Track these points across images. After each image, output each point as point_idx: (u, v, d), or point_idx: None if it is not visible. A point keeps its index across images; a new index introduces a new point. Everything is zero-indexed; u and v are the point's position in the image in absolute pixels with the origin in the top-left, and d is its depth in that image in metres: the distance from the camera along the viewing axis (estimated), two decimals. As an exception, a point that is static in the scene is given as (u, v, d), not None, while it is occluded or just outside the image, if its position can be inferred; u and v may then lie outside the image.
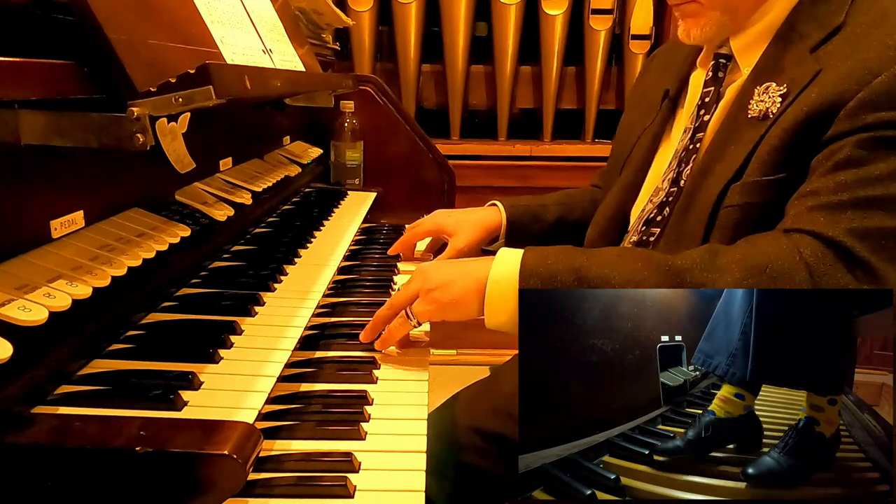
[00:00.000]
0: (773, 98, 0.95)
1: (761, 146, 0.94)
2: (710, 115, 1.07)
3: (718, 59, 1.09)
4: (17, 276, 0.69)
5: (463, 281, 0.96)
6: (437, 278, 0.98)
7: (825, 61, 0.93)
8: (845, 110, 0.87)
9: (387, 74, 2.86)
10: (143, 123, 0.70)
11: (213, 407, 0.72)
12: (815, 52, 0.95)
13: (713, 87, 1.08)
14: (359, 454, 0.74)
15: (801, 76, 0.94)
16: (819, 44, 0.95)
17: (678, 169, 1.09)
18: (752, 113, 0.97)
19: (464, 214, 1.40)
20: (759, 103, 0.97)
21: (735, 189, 0.95)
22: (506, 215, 1.37)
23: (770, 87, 0.97)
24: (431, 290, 0.97)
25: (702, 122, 1.08)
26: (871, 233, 0.83)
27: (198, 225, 1.05)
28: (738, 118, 1.00)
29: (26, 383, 0.68)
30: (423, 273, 1.01)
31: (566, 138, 2.98)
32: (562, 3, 2.75)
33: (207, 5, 1.01)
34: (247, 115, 1.50)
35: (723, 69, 1.09)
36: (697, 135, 1.08)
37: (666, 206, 1.10)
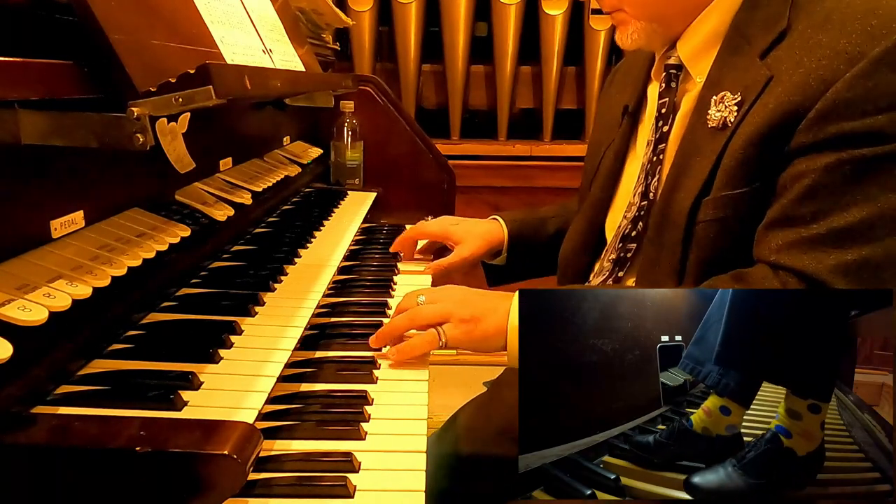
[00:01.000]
0: (730, 107, 0.96)
1: (725, 159, 0.95)
2: (668, 125, 1.08)
3: (669, 69, 1.09)
4: (17, 276, 0.69)
5: (493, 318, 0.98)
6: (470, 311, 0.98)
7: (776, 67, 0.93)
8: (806, 122, 0.88)
9: (387, 74, 2.87)
10: (143, 123, 0.70)
11: (213, 407, 0.72)
12: (764, 59, 0.95)
13: (667, 97, 1.09)
14: (359, 454, 0.74)
15: (754, 83, 0.94)
16: (767, 49, 0.95)
17: (646, 182, 1.11)
18: (710, 122, 0.98)
19: (470, 225, 1.42)
20: (716, 112, 0.98)
21: (707, 203, 0.97)
22: (507, 230, 1.40)
23: (725, 95, 0.97)
24: (465, 320, 0.98)
25: (662, 134, 1.09)
26: (851, 268, 0.86)
27: (198, 225, 1.04)
28: (697, 128, 1.01)
29: (26, 383, 0.68)
30: (453, 300, 1.00)
31: (566, 138, 2.98)
32: (562, 3, 2.75)
33: (207, 5, 1.01)
34: (247, 115, 1.50)
35: (674, 79, 1.09)
36: (659, 146, 1.09)
37: (639, 221, 1.11)
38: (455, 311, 0.98)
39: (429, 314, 0.99)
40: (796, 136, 0.89)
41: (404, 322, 1.00)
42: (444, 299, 1.01)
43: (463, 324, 0.98)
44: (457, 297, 1.01)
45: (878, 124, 0.86)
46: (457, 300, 1.01)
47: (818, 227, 0.88)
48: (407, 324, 1.00)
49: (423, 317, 0.99)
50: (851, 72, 0.86)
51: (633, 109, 1.19)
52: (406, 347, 0.97)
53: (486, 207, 2.81)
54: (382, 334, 1.00)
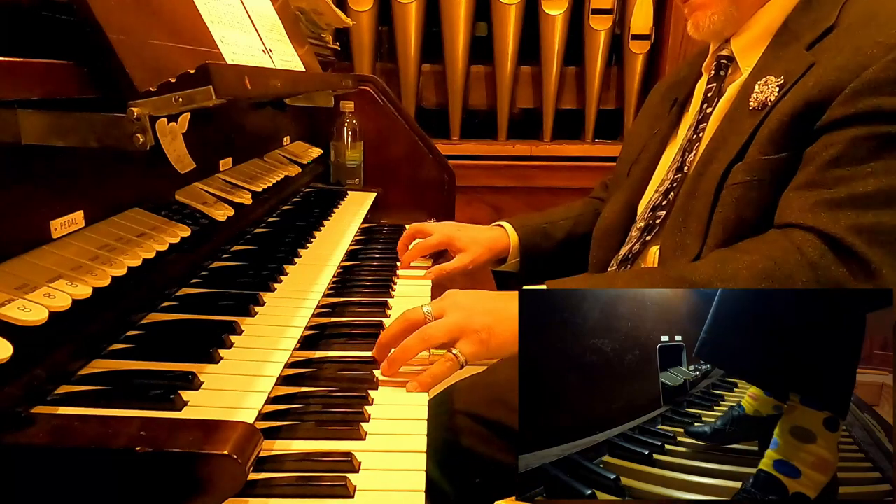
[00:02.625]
0: (772, 88, 1.01)
1: (761, 130, 1.00)
2: (712, 107, 1.14)
3: (720, 59, 1.16)
4: (17, 276, 0.69)
5: (507, 324, 0.95)
6: (481, 321, 0.95)
7: (819, 55, 0.99)
8: (839, 98, 0.93)
9: (387, 74, 2.86)
10: (143, 123, 0.70)
11: (213, 407, 0.72)
12: (810, 50, 1.01)
13: (715, 83, 1.15)
14: (359, 454, 0.74)
15: (797, 68, 1.00)
16: (813, 42, 1.01)
17: (682, 158, 1.15)
18: (752, 104, 1.03)
19: (474, 232, 1.42)
20: (758, 94, 1.03)
21: (737, 168, 1.01)
22: (518, 237, 1.41)
23: (769, 79, 1.02)
24: (478, 331, 0.94)
25: (704, 115, 1.14)
26: (867, 229, 0.89)
27: (198, 225, 1.04)
28: (738, 110, 1.06)
29: (26, 383, 0.68)
30: (462, 311, 0.97)
31: (566, 138, 2.97)
32: (562, 3, 2.75)
33: (207, 5, 1.01)
34: (247, 115, 1.50)
35: (724, 69, 1.15)
36: (700, 125, 1.14)
37: (671, 192, 1.15)
38: (466, 323, 0.95)
39: (440, 333, 0.94)
40: (830, 110, 0.93)
41: (416, 344, 0.94)
42: (451, 311, 0.97)
43: (477, 335, 0.94)
44: (465, 307, 0.97)
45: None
46: (466, 310, 0.96)
47: (838, 192, 0.91)
48: (419, 345, 0.94)
49: (433, 336, 0.94)
50: (887, 57, 0.91)
51: (682, 101, 1.26)
52: (427, 379, 0.92)
53: (487, 207, 2.81)
54: (394, 359, 0.94)
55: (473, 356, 0.95)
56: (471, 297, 1.00)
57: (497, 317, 0.96)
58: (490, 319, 0.95)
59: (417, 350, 0.94)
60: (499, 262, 1.43)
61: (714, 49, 1.19)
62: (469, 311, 0.96)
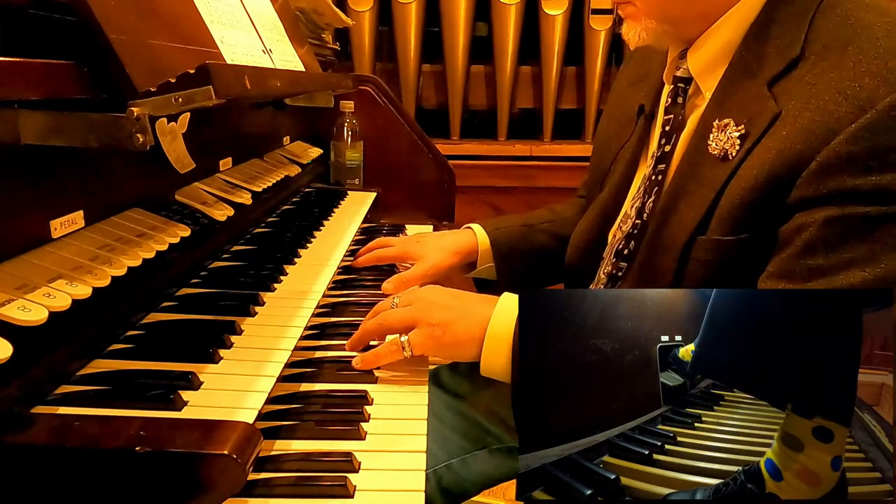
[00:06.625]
0: (732, 138, 0.91)
1: (724, 199, 0.91)
2: (671, 145, 1.04)
3: (677, 83, 1.05)
4: (17, 276, 0.69)
5: (465, 323, 0.94)
6: (439, 315, 0.94)
7: (783, 102, 0.88)
8: (807, 173, 0.83)
9: (387, 74, 2.86)
10: (143, 123, 0.70)
11: (213, 407, 0.72)
12: (772, 88, 0.90)
13: (673, 113, 1.05)
14: (359, 454, 0.75)
15: (760, 117, 0.89)
16: (776, 77, 0.90)
17: (643, 199, 1.07)
18: (712, 149, 0.94)
19: (433, 239, 1.37)
20: (717, 140, 0.93)
21: (700, 243, 0.93)
22: (490, 239, 1.33)
23: (729, 124, 0.92)
24: (433, 325, 0.94)
25: (664, 153, 1.04)
26: None
27: (198, 225, 1.04)
28: (698, 151, 0.96)
29: (26, 383, 0.68)
30: (424, 302, 0.97)
31: (566, 138, 2.98)
32: (562, 3, 2.75)
33: (207, 5, 1.01)
34: (247, 115, 1.50)
35: (682, 94, 1.04)
36: (659, 166, 1.05)
37: (632, 240, 1.08)
38: (423, 315, 0.95)
39: (394, 319, 0.96)
40: (797, 188, 0.84)
41: (372, 326, 0.97)
42: (415, 302, 0.98)
43: (430, 329, 0.93)
44: (428, 300, 0.97)
45: (884, 182, 0.80)
46: (428, 303, 0.97)
47: (816, 285, 0.83)
48: (375, 329, 0.97)
49: (389, 323, 0.96)
50: (857, 123, 0.80)
51: (648, 112, 1.14)
52: (370, 357, 0.94)
53: (487, 207, 2.81)
54: (355, 340, 0.98)
55: (420, 347, 0.94)
56: (438, 293, 1.00)
57: (457, 314, 0.95)
58: (450, 316, 0.94)
59: (374, 334, 0.97)
60: (471, 267, 1.36)
61: (671, 58, 1.07)
62: (430, 305, 0.97)
